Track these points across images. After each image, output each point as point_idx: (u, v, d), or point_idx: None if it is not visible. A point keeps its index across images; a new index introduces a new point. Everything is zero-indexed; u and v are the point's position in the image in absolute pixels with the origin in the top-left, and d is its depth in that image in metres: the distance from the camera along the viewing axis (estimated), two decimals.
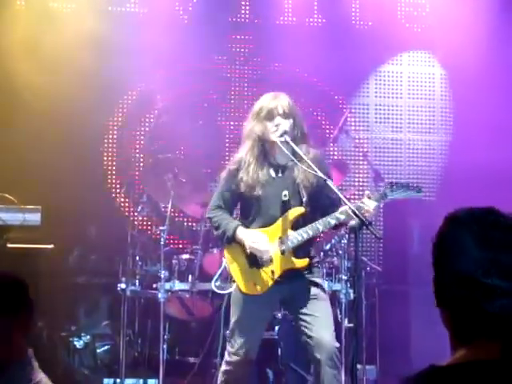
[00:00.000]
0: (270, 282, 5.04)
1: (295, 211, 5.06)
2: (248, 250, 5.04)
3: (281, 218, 5.07)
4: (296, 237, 5.02)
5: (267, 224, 5.09)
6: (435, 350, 3.76)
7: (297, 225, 5.06)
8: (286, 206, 5.08)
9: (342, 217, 4.92)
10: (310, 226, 5.01)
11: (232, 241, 5.09)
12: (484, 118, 8.66)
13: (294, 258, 5.07)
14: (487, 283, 1.80)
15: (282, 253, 5.04)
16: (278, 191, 5.10)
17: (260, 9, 9.22)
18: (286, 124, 5.10)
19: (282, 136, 5.05)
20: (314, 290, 5.08)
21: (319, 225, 5.00)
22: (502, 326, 1.82)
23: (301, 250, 5.10)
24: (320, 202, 5.11)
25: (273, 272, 5.02)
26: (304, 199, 5.07)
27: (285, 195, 5.09)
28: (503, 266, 1.80)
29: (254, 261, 5.05)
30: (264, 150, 5.17)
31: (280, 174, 5.16)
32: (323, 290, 5.18)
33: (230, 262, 5.14)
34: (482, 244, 1.82)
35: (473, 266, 1.81)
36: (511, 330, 1.82)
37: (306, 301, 5.04)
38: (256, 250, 5.02)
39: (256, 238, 5.02)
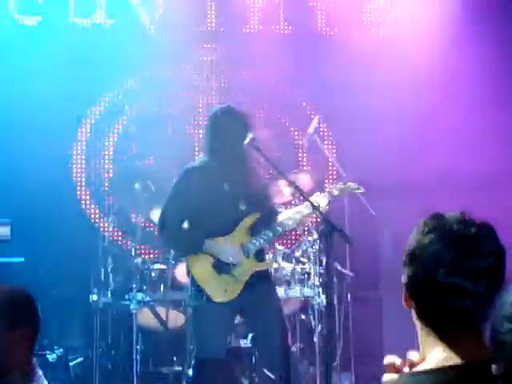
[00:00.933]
0: (241, 287, 5.15)
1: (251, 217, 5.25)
2: (217, 258, 5.10)
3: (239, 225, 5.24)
4: (257, 240, 5.21)
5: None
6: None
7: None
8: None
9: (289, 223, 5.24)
10: (269, 228, 5.25)
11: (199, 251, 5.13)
12: (450, 123, 8.72)
13: (257, 261, 5.27)
14: (449, 283, 1.83)
15: (247, 256, 5.18)
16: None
17: (226, 17, 9.22)
18: None
19: None
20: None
21: (278, 227, 5.26)
22: (468, 324, 1.86)
23: (260, 253, 5.32)
24: None
25: (241, 276, 5.14)
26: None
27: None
28: (466, 267, 1.83)
29: (222, 268, 5.12)
30: None
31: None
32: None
33: (194, 271, 5.15)
34: (447, 246, 1.85)
35: (435, 265, 1.84)
36: (477, 329, 1.86)
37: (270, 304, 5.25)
38: (225, 256, 5.09)
39: (222, 246, 5.11)
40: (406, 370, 1.96)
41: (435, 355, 1.86)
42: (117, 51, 8.37)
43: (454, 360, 1.82)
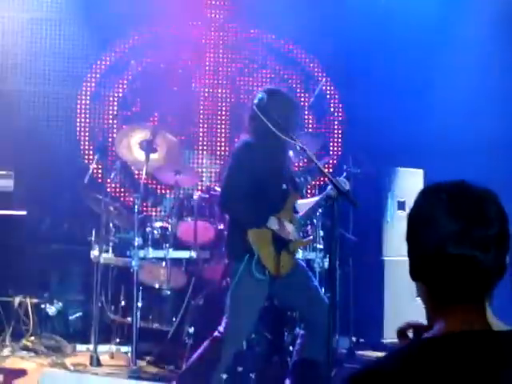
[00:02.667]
0: (292, 263, 5.38)
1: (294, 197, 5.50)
2: (282, 235, 5.26)
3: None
4: (303, 219, 5.53)
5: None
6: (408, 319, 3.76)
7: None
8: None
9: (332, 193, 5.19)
10: (309, 209, 5.52)
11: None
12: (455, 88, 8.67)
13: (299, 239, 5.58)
14: (458, 253, 1.81)
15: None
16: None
17: None
18: None
19: None
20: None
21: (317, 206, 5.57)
22: (474, 296, 1.85)
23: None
24: None
25: (293, 253, 5.41)
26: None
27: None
28: (474, 237, 1.81)
29: (279, 244, 5.26)
30: None
31: None
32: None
33: (259, 246, 5.21)
34: (453, 216, 1.83)
35: (444, 237, 1.82)
36: (484, 300, 1.85)
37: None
38: (288, 234, 5.28)
39: (282, 224, 5.28)
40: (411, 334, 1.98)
41: (440, 324, 1.85)
42: (125, 5, 8.28)
43: (459, 328, 1.82)
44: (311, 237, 6.47)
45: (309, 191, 8.21)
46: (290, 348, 5.96)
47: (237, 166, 5.24)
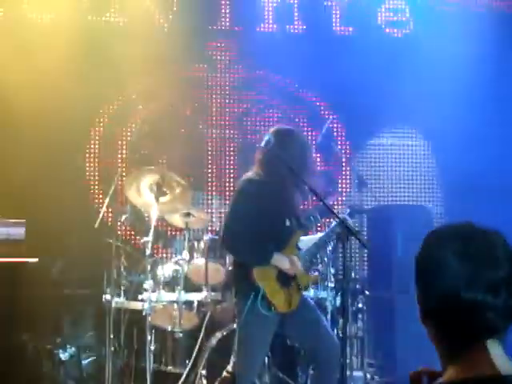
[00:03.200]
0: (299, 299, 5.36)
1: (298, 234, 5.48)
2: (286, 271, 5.26)
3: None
4: (307, 255, 5.51)
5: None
6: (421, 356, 3.76)
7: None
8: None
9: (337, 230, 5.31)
10: (312, 245, 5.53)
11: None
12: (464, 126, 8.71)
13: (306, 275, 5.55)
14: (469, 299, 1.81)
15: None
16: None
17: (241, 16, 9.22)
18: None
19: None
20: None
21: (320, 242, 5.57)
22: (487, 340, 1.83)
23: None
24: None
25: (299, 289, 5.37)
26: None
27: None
28: (485, 280, 1.81)
29: (284, 281, 5.26)
30: None
31: None
32: None
33: (264, 283, 5.22)
34: (463, 259, 1.83)
35: (455, 281, 1.82)
36: (496, 344, 1.84)
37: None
38: (294, 270, 5.28)
39: (289, 261, 5.28)
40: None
41: (452, 370, 1.84)
42: (130, 50, 8.36)
43: (467, 374, 1.81)
44: (317, 273, 6.53)
45: (319, 229, 8.21)
46: None
47: (239, 203, 5.27)
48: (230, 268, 6.85)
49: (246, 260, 5.24)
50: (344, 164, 9.29)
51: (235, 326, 5.62)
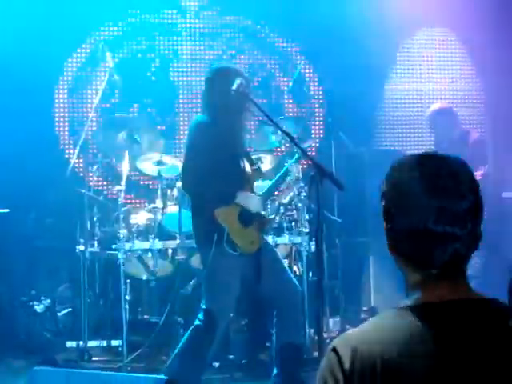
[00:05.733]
0: (260, 239, 5.40)
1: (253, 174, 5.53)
2: (243, 210, 5.28)
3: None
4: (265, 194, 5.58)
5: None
6: (396, 299, 3.77)
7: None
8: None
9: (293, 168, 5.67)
10: (270, 186, 5.61)
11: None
12: None
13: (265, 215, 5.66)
14: (438, 231, 1.83)
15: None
16: None
17: None
18: None
19: None
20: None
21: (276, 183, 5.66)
22: (451, 272, 1.87)
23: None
24: None
25: (259, 229, 5.40)
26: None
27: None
28: (451, 212, 1.83)
29: (246, 220, 5.27)
30: None
31: None
32: None
33: (228, 222, 5.21)
34: (429, 192, 1.84)
35: (422, 215, 1.84)
36: (461, 275, 1.89)
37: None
38: (256, 207, 5.34)
39: (253, 198, 5.34)
40: None
41: (418, 294, 1.88)
42: None
43: (438, 299, 1.85)
44: (272, 216, 6.54)
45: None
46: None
47: (193, 145, 5.26)
48: None
49: (209, 200, 5.19)
50: (317, 110, 9.22)
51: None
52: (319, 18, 8.51)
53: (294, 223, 7.05)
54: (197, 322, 5.30)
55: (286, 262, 6.57)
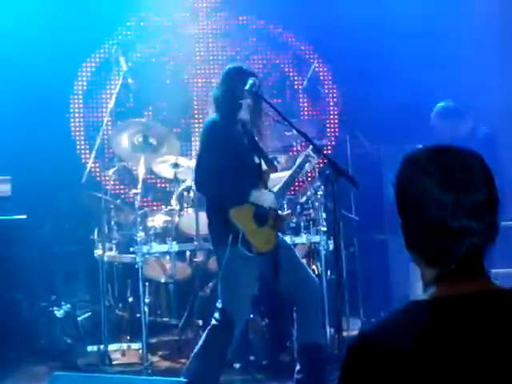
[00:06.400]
0: (276, 237, 5.36)
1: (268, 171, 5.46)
2: (258, 209, 5.25)
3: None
4: (281, 191, 5.45)
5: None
6: (415, 295, 3.75)
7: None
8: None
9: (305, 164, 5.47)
10: (284, 180, 5.46)
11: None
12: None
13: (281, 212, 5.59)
14: (455, 225, 1.81)
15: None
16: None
17: None
18: None
19: None
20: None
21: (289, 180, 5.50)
22: (469, 266, 1.85)
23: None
24: None
25: (274, 227, 5.35)
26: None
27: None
28: (468, 206, 1.81)
29: (261, 219, 5.24)
30: None
31: None
32: None
33: (242, 223, 5.18)
34: (444, 186, 1.82)
35: (437, 209, 1.82)
36: (479, 269, 1.87)
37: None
38: (271, 204, 5.30)
39: (265, 194, 5.29)
40: None
41: (436, 289, 1.86)
42: (109, 1, 8.25)
43: (452, 293, 1.84)
44: (290, 211, 6.35)
45: (308, 174, 8.15)
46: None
47: (207, 145, 5.24)
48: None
49: (224, 200, 5.19)
50: (332, 109, 9.20)
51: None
52: (332, 17, 8.51)
53: (311, 222, 7.02)
54: (213, 322, 5.28)
55: (304, 262, 6.56)
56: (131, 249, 6.98)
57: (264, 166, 5.40)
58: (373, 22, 8.47)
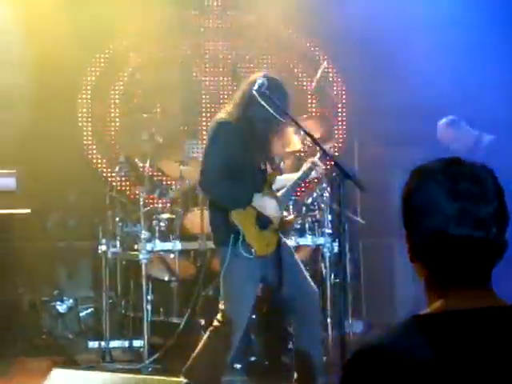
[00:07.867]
0: (276, 240, 5.31)
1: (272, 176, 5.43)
2: (260, 212, 5.19)
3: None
4: (284, 196, 5.42)
5: None
6: (420, 301, 3.72)
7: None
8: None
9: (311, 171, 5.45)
10: (288, 186, 5.43)
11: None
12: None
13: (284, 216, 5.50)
14: (461, 236, 1.78)
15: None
16: None
17: None
18: None
19: None
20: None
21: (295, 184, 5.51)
22: (475, 276, 1.82)
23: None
24: None
25: (279, 229, 5.34)
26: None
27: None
28: (474, 216, 1.78)
29: (263, 223, 5.20)
30: None
31: None
32: None
33: (243, 225, 5.15)
34: (451, 197, 1.79)
35: (444, 219, 1.79)
36: (485, 280, 1.84)
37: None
38: (271, 210, 5.23)
39: (267, 201, 5.23)
40: None
41: (441, 303, 1.82)
42: None
43: (463, 306, 1.79)
44: (293, 215, 6.35)
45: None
46: None
47: (214, 146, 5.17)
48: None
49: (226, 203, 5.16)
50: (340, 110, 9.16)
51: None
52: (341, 17, 8.46)
53: (316, 224, 6.99)
54: (215, 323, 5.26)
55: (308, 263, 6.54)
56: (135, 246, 6.97)
57: (270, 171, 5.38)
58: (384, 23, 8.41)
